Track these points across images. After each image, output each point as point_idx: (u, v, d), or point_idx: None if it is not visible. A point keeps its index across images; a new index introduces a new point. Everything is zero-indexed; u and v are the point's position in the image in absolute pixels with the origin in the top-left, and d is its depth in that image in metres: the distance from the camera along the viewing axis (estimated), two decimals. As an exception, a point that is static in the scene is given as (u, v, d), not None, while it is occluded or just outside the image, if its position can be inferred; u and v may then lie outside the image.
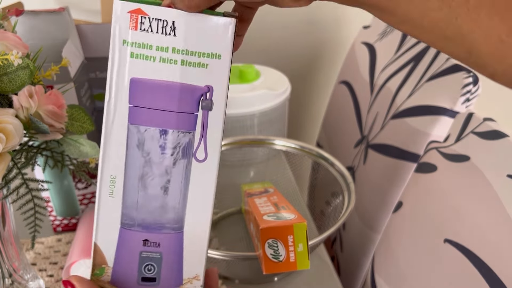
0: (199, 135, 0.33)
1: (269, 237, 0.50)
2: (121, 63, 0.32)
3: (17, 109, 0.43)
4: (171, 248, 0.35)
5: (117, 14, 0.31)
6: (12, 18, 0.57)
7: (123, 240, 0.35)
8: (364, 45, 0.99)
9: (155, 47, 0.31)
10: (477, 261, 0.51)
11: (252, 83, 0.92)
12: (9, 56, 0.41)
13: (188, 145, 0.33)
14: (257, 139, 0.82)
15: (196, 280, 0.36)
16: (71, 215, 0.72)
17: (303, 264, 0.50)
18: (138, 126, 0.33)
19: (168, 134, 0.33)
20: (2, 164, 0.41)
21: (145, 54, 0.32)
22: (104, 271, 0.36)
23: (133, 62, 0.32)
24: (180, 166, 0.34)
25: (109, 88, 0.32)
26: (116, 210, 0.35)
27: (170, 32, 0.31)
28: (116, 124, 0.33)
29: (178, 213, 0.35)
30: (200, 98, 0.32)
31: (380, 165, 0.82)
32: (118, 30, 0.31)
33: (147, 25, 0.31)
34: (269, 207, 0.60)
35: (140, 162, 0.34)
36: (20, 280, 0.56)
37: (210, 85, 0.32)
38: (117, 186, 0.34)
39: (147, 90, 0.32)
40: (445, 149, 0.61)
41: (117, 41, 0.32)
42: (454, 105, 0.69)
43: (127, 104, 0.33)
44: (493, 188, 0.51)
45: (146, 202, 0.34)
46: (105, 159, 0.34)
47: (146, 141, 0.33)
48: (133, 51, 0.32)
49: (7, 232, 0.54)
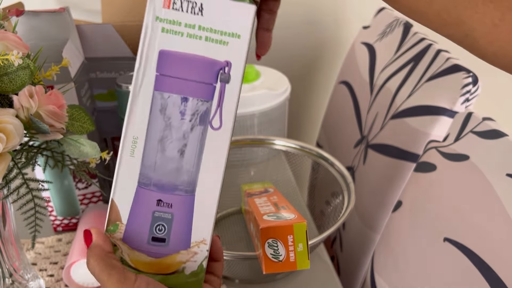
0: (215, 105, 0.36)
1: (269, 237, 0.50)
2: (152, 36, 0.35)
3: (18, 109, 0.43)
4: (182, 210, 0.38)
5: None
6: (13, 18, 0.57)
7: (138, 198, 0.37)
8: (364, 45, 0.99)
9: (184, 24, 0.35)
10: (476, 260, 0.51)
11: (252, 83, 0.92)
12: (10, 56, 0.41)
13: (205, 113, 0.37)
14: (257, 139, 0.82)
15: (203, 244, 0.38)
16: (71, 215, 0.72)
17: (303, 264, 0.50)
18: (162, 92, 0.36)
19: (188, 102, 0.36)
20: (3, 164, 0.41)
21: (175, 30, 0.35)
22: (118, 228, 0.38)
23: (163, 36, 0.35)
24: (197, 132, 0.37)
25: (140, 57, 0.36)
26: (135, 169, 0.37)
27: (198, 12, 0.35)
28: (143, 90, 0.36)
29: (192, 176, 0.37)
30: (219, 72, 0.36)
31: (380, 165, 0.82)
32: (152, 8, 0.35)
33: (179, 5, 0.35)
34: (269, 207, 0.60)
35: (161, 126, 0.37)
36: (21, 280, 0.56)
37: (229, 61, 0.36)
38: (138, 147, 0.37)
39: (173, 61, 0.36)
40: (444, 148, 0.61)
41: (151, 17, 0.35)
42: (453, 105, 0.69)
43: (155, 73, 0.36)
44: (492, 187, 0.51)
45: (163, 163, 0.37)
46: (130, 120, 0.36)
47: (168, 106, 0.36)
48: (164, 27, 0.35)
49: (8, 232, 0.54)
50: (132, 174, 0.37)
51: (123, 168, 0.37)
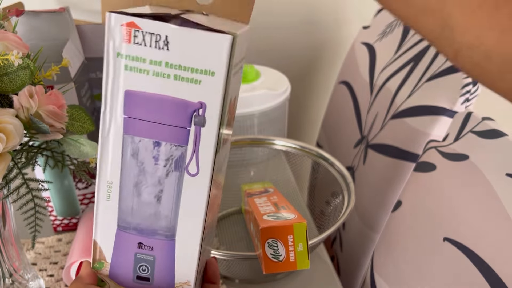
0: (191, 150, 0.34)
1: (269, 237, 0.50)
2: (115, 75, 0.32)
3: (18, 109, 0.43)
4: (164, 253, 0.37)
5: (110, 26, 0.31)
6: (13, 18, 0.57)
7: (119, 240, 0.37)
8: (364, 45, 0.99)
9: (149, 61, 0.31)
10: (476, 260, 0.51)
11: (252, 83, 0.92)
12: (10, 56, 0.41)
13: (181, 159, 0.34)
14: (257, 139, 0.82)
15: (187, 286, 0.38)
16: (71, 215, 0.72)
17: (303, 264, 0.50)
18: (132, 136, 0.34)
19: (161, 146, 0.34)
20: (3, 164, 0.41)
21: (139, 67, 0.32)
22: (103, 265, 0.38)
23: (127, 74, 0.32)
24: (173, 178, 0.35)
25: (105, 99, 0.33)
26: (113, 212, 0.36)
27: (163, 46, 0.31)
28: (112, 133, 0.34)
29: (170, 222, 0.36)
30: (192, 114, 0.33)
31: (379, 165, 0.82)
32: (112, 43, 0.32)
33: (141, 39, 0.31)
34: (269, 207, 0.60)
35: (135, 171, 0.35)
36: (21, 280, 0.56)
37: (203, 102, 0.32)
38: (114, 191, 0.35)
39: (141, 102, 0.33)
40: (444, 148, 0.61)
41: (111, 53, 0.32)
42: (453, 105, 0.69)
43: (122, 115, 0.33)
44: (492, 187, 0.51)
45: (140, 208, 0.36)
46: (102, 165, 0.35)
47: (140, 151, 0.34)
48: (127, 64, 0.32)
49: (8, 232, 0.54)
50: (111, 217, 0.36)
51: (101, 211, 0.36)
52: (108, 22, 0.31)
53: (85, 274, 0.38)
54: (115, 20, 0.31)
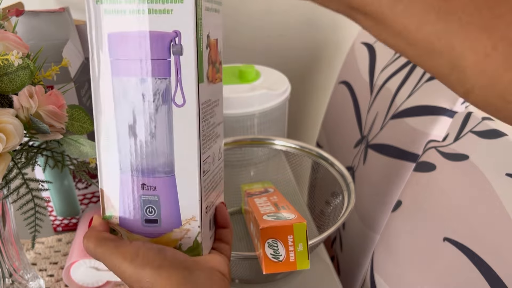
0: (175, 81, 0.35)
1: (269, 237, 0.50)
2: (97, 21, 0.34)
3: (18, 109, 0.43)
4: (166, 191, 0.38)
5: None
6: (13, 18, 0.57)
7: (123, 185, 0.38)
8: (364, 45, 0.99)
9: (124, 1, 0.34)
10: (476, 260, 0.51)
11: (252, 83, 0.92)
12: (10, 56, 0.41)
13: (166, 91, 0.35)
14: (257, 139, 0.82)
15: (194, 221, 0.38)
16: (71, 215, 0.72)
17: (303, 264, 0.50)
18: (120, 77, 0.35)
19: (147, 82, 0.35)
20: (3, 164, 0.41)
21: (116, 8, 0.34)
22: (112, 214, 0.38)
23: (107, 18, 0.34)
24: (162, 112, 0.36)
25: (91, 45, 0.35)
26: (114, 157, 0.37)
27: None
28: (102, 78, 0.35)
29: (168, 158, 0.37)
30: (170, 44, 0.34)
31: (379, 165, 0.82)
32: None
33: None
34: (269, 207, 0.60)
35: (128, 111, 0.36)
36: (21, 280, 0.56)
37: (177, 30, 0.34)
38: (111, 136, 0.37)
39: (123, 42, 0.34)
40: (444, 148, 0.61)
41: (91, 1, 0.34)
42: (453, 105, 0.69)
43: (109, 58, 0.35)
44: (492, 187, 0.51)
45: (138, 148, 0.37)
46: (97, 112, 0.36)
47: (129, 91, 0.35)
48: (106, 8, 0.34)
49: (8, 232, 0.54)
50: (112, 162, 0.37)
51: (103, 157, 0.37)
52: None
53: (97, 223, 0.38)
54: None
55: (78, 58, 0.65)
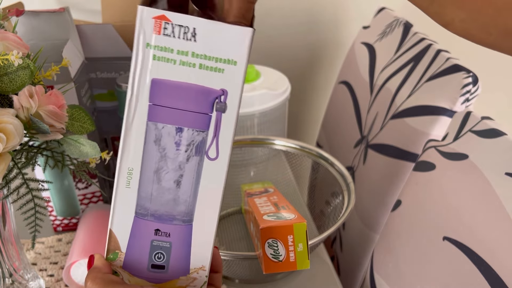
0: (212, 135, 0.35)
1: (269, 237, 0.50)
2: (143, 65, 0.34)
3: (18, 109, 0.43)
4: (181, 239, 0.37)
5: (142, 18, 0.33)
6: (13, 18, 0.57)
7: (136, 228, 0.37)
8: (364, 45, 0.99)
9: (176, 51, 0.34)
10: (476, 259, 0.51)
11: (252, 83, 0.92)
12: (10, 56, 0.41)
13: (202, 143, 0.36)
14: (257, 139, 0.82)
15: (202, 271, 0.38)
16: (71, 215, 0.72)
17: (303, 264, 0.50)
18: (156, 123, 0.35)
19: (184, 132, 0.35)
20: (3, 164, 0.41)
21: (167, 57, 0.34)
22: (117, 256, 0.38)
23: (155, 64, 0.34)
24: (193, 162, 0.36)
25: (131, 87, 0.34)
26: (132, 200, 0.37)
27: (191, 38, 0.33)
28: (136, 120, 0.35)
29: (189, 207, 0.37)
30: (215, 100, 0.35)
31: (379, 165, 0.82)
32: (142, 34, 0.34)
33: (170, 31, 0.33)
34: (269, 207, 0.60)
35: (156, 157, 0.36)
36: (21, 280, 0.57)
37: (225, 89, 0.34)
38: (134, 178, 0.36)
39: (167, 90, 0.34)
40: (443, 147, 0.61)
41: (141, 44, 0.34)
42: (453, 105, 0.69)
43: (147, 103, 0.35)
44: (491, 186, 0.51)
45: (160, 194, 0.37)
46: (124, 152, 0.36)
47: (163, 137, 0.35)
48: (156, 54, 0.34)
49: (8, 232, 0.54)
50: (129, 204, 0.37)
51: (119, 198, 0.37)
52: (140, 14, 0.33)
53: (101, 264, 0.37)
54: (147, 13, 0.33)
55: (78, 58, 0.65)
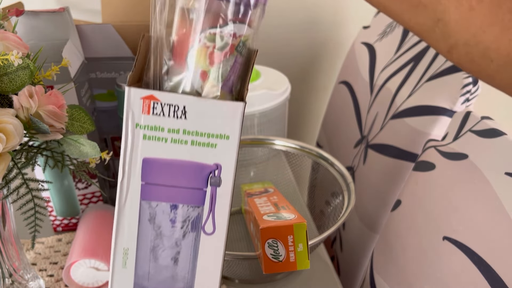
0: (207, 210, 0.35)
1: (269, 237, 0.50)
2: (134, 145, 0.34)
3: (17, 109, 0.43)
4: None
5: (129, 99, 0.33)
6: (13, 18, 0.57)
7: None
8: (364, 45, 0.99)
9: (167, 129, 0.33)
10: (476, 258, 0.51)
11: (252, 83, 0.92)
12: (9, 56, 0.41)
13: (197, 219, 0.35)
14: (257, 139, 0.82)
15: None
16: (71, 215, 0.72)
17: (303, 264, 0.50)
18: (150, 201, 0.35)
19: (178, 209, 0.35)
20: (3, 164, 0.41)
21: (157, 136, 0.33)
22: None
23: (145, 143, 0.33)
24: (190, 238, 0.35)
25: (122, 167, 0.34)
26: (129, 280, 0.36)
27: (182, 115, 0.33)
28: (129, 201, 0.35)
29: (188, 283, 0.36)
30: (209, 175, 0.34)
31: (380, 165, 0.82)
32: (131, 114, 0.33)
33: (159, 110, 0.33)
34: (269, 207, 0.60)
35: (152, 235, 0.35)
36: (20, 280, 0.56)
37: (218, 163, 0.34)
38: (130, 258, 0.36)
39: (159, 168, 0.34)
40: (443, 147, 0.61)
41: (130, 125, 0.33)
42: (453, 105, 0.69)
43: (140, 182, 0.34)
44: (491, 186, 0.51)
45: (157, 272, 0.36)
46: (119, 232, 0.35)
47: (157, 215, 0.35)
48: (146, 134, 0.33)
49: (7, 232, 0.54)
50: (126, 284, 0.36)
51: (116, 279, 0.36)
52: (128, 95, 0.33)
53: None
54: (134, 94, 0.33)
55: (78, 58, 0.65)
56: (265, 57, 1.20)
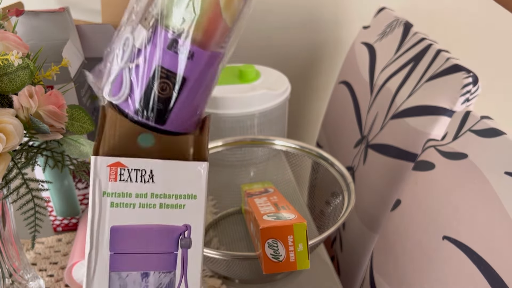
0: (179, 274, 0.34)
1: (269, 237, 0.50)
2: (101, 214, 0.33)
3: (17, 109, 0.43)
4: None
5: (96, 168, 0.33)
6: (13, 18, 0.57)
7: None
8: (364, 45, 0.99)
9: (135, 195, 0.33)
10: (475, 258, 0.51)
11: (252, 83, 0.92)
12: (9, 56, 0.41)
13: (170, 284, 0.34)
14: (257, 139, 0.82)
15: None
16: (71, 215, 0.72)
17: (303, 264, 0.50)
18: (119, 272, 0.33)
19: (150, 277, 0.34)
20: (3, 164, 0.41)
21: (125, 202, 0.33)
22: None
23: (113, 211, 0.33)
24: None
25: (90, 238, 0.33)
26: None
27: (149, 179, 0.33)
28: (98, 273, 0.33)
29: None
30: (179, 237, 0.34)
31: (380, 165, 0.82)
32: (98, 183, 0.33)
33: (127, 176, 0.33)
34: (269, 207, 0.60)
35: None
36: (20, 280, 0.57)
37: (188, 224, 0.34)
38: None
39: (127, 235, 0.33)
40: (442, 147, 0.61)
41: (97, 193, 0.33)
42: (453, 105, 0.69)
43: (108, 252, 0.33)
44: (491, 186, 0.51)
45: None
46: None
47: (128, 285, 0.34)
48: (113, 201, 0.33)
49: (7, 232, 0.54)
50: None
51: None
52: (94, 164, 0.32)
53: None
54: (101, 162, 0.33)
55: (78, 58, 0.65)
56: (265, 57, 1.20)
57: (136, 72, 0.33)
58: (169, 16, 0.32)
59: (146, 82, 0.33)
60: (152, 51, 0.32)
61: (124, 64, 0.34)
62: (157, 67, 0.32)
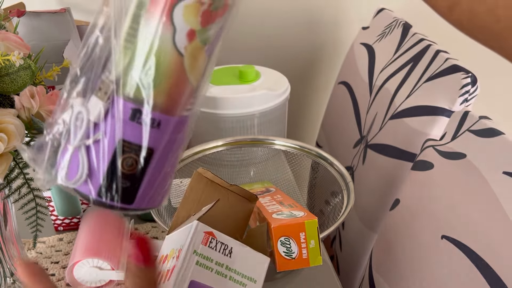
0: None
1: (282, 235, 0.50)
2: (187, 267, 0.39)
3: (19, 109, 0.44)
4: None
5: (195, 230, 0.40)
6: (14, 19, 0.57)
7: None
8: (363, 46, 0.99)
9: (215, 262, 0.40)
10: (474, 257, 0.52)
11: (252, 84, 0.92)
12: (11, 56, 0.41)
13: None
14: (257, 139, 0.82)
15: None
16: (72, 215, 0.72)
17: (315, 260, 0.51)
18: None
19: None
20: (4, 164, 0.42)
21: (207, 264, 0.40)
22: None
23: (196, 268, 0.39)
24: None
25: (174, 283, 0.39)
26: None
27: (228, 254, 0.41)
28: None
29: None
30: None
31: (379, 165, 0.83)
32: (193, 242, 0.40)
33: (214, 244, 0.40)
34: (275, 206, 0.60)
35: None
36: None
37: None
38: None
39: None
40: (441, 147, 0.61)
41: (191, 250, 0.40)
42: (452, 106, 0.69)
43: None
44: (489, 185, 0.52)
45: None
46: None
47: None
48: (199, 260, 0.40)
49: (9, 232, 0.54)
50: None
51: None
52: (195, 227, 0.40)
53: None
54: (200, 228, 0.41)
55: (79, 59, 0.65)
56: (265, 58, 1.20)
57: (96, 149, 0.30)
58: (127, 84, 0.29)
59: (108, 159, 0.30)
60: (112, 124, 0.29)
61: (78, 142, 0.30)
62: (119, 141, 0.29)
